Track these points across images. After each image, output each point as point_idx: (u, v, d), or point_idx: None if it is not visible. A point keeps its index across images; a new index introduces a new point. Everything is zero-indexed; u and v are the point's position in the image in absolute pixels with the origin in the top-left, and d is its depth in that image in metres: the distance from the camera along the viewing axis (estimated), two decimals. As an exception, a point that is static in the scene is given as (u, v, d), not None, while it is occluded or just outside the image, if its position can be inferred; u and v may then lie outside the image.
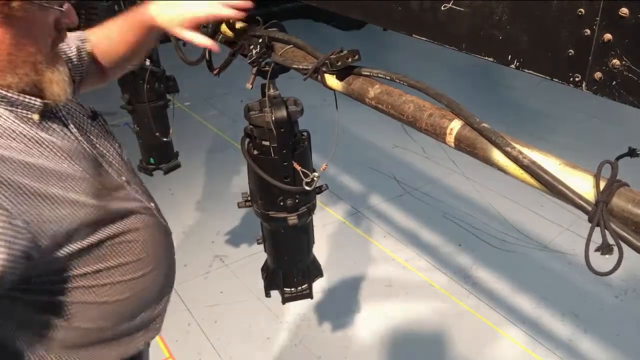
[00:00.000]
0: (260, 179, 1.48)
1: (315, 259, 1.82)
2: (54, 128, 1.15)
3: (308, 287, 1.79)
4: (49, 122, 1.14)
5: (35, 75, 1.08)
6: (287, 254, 1.71)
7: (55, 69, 1.11)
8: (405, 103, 1.13)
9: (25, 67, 1.06)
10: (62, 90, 1.12)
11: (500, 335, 3.12)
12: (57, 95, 1.11)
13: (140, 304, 1.42)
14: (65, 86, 1.13)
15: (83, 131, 1.24)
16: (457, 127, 1.04)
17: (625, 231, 0.83)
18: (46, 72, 1.09)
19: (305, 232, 1.72)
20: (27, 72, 1.06)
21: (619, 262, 0.83)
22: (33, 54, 1.06)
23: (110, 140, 1.34)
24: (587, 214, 0.86)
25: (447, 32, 1.01)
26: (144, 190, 1.42)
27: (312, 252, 1.81)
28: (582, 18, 0.82)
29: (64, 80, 1.13)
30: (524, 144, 0.98)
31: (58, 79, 1.11)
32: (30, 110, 1.09)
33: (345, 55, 1.20)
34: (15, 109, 1.08)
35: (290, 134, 1.46)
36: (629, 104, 0.80)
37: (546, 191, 0.93)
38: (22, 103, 1.08)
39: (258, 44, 1.36)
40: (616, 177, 0.86)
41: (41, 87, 1.10)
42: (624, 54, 0.78)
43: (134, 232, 1.32)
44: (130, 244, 1.31)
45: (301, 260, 1.75)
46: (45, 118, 1.13)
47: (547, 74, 0.88)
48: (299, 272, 1.74)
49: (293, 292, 1.76)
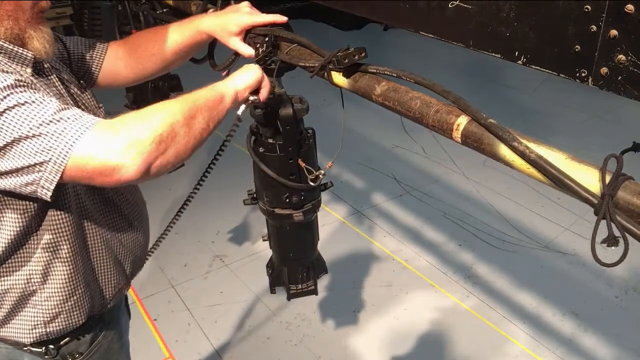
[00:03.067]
0: (266, 176, 1.49)
1: (320, 255, 1.84)
2: (43, 82, 1.24)
3: (313, 284, 1.79)
4: (38, 76, 1.24)
5: (19, 31, 1.18)
6: (293, 250, 1.72)
7: (38, 29, 1.21)
8: (412, 100, 1.14)
9: (9, 22, 1.16)
10: (42, 46, 1.22)
11: (500, 335, 3.13)
12: (38, 50, 1.21)
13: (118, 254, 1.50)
14: (46, 44, 1.23)
15: (68, 95, 1.34)
16: (464, 123, 1.06)
17: (630, 223, 0.84)
18: (28, 29, 1.20)
19: (310, 229, 1.73)
20: (11, 26, 1.17)
21: (625, 253, 0.84)
22: (12, 11, 1.16)
23: (96, 112, 1.43)
24: (593, 207, 0.88)
25: (454, 29, 1.03)
26: None
27: (317, 248, 1.82)
28: (589, 14, 0.83)
29: (46, 39, 1.23)
30: (530, 139, 1.00)
31: (39, 37, 1.21)
32: (24, 62, 1.20)
33: (352, 53, 1.22)
34: (10, 61, 1.18)
35: (296, 131, 1.47)
36: (635, 98, 0.81)
37: (553, 185, 0.95)
38: (17, 54, 1.19)
39: (265, 43, 1.38)
40: (621, 170, 0.88)
41: (24, 42, 1.20)
42: (629, 50, 0.80)
43: (124, 193, 1.44)
44: (122, 197, 1.44)
45: (306, 257, 1.76)
46: (35, 72, 1.23)
47: (554, 69, 0.90)
48: (304, 268, 1.75)
49: (298, 288, 1.76)
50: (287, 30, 1.47)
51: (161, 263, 3.68)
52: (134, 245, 1.54)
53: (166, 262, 3.69)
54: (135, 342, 3.13)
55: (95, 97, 1.48)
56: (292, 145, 1.44)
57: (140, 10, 2.12)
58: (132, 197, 1.52)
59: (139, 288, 3.46)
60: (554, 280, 3.51)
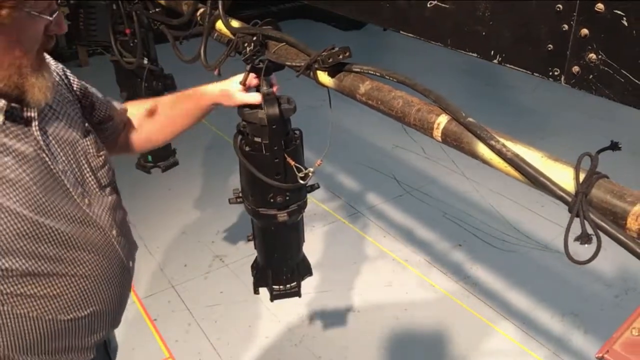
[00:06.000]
0: (251, 176, 1.50)
1: (305, 257, 1.83)
2: (16, 131, 1.13)
3: (297, 285, 1.79)
4: (14, 124, 1.13)
5: (19, 79, 1.09)
6: (277, 251, 1.71)
7: (40, 75, 1.12)
8: (395, 99, 1.15)
9: (10, 70, 1.07)
10: (42, 95, 1.12)
11: (500, 335, 3.12)
12: (38, 100, 1.12)
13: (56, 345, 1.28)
14: (47, 92, 1.14)
15: (50, 145, 1.21)
16: (444, 122, 1.06)
17: (603, 221, 0.85)
18: (30, 76, 1.10)
19: (295, 230, 1.73)
20: (11, 74, 1.08)
21: (597, 251, 0.85)
22: (19, 57, 1.07)
23: (89, 159, 1.31)
24: (567, 205, 0.89)
25: (433, 28, 1.03)
26: (110, 217, 1.34)
27: (302, 250, 1.82)
28: (560, 13, 0.84)
29: (47, 87, 1.14)
30: (508, 138, 1.00)
31: (41, 85, 1.12)
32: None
33: (337, 52, 1.22)
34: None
35: (283, 131, 1.48)
36: (606, 96, 0.82)
37: (529, 183, 0.96)
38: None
39: (252, 42, 1.39)
40: (596, 169, 0.89)
41: (23, 90, 1.11)
42: (600, 49, 0.81)
43: (77, 265, 1.23)
44: (65, 278, 1.22)
45: (291, 258, 1.75)
46: (10, 120, 1.12)
47: (528, 68, 0.90)
48: (288, 270, 1.74)
49: (282, 289, 1.76)
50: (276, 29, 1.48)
51: (161, 263, 3.69)
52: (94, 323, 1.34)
53: (166, 262, 3.70)
54: (135, 342, 3.17)
55: (96, 143, 1.35)
56: (278, 144, 1.44)
57: (133, 9, 2.13)
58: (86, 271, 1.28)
59: (139, 288, 3.47)
60: (553, 281, 3.49)
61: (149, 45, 2.43)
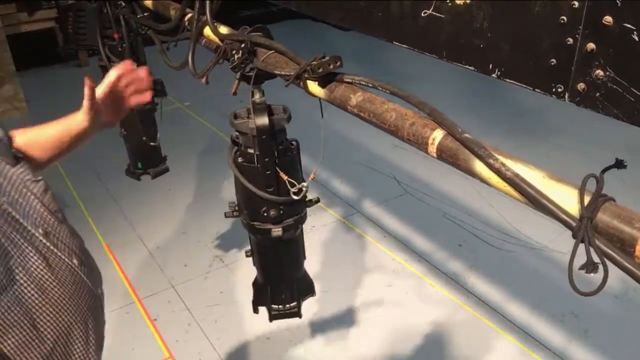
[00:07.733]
0: (245, 188, 1.43)
1: (307, 275, 1.74)
2: None
3: (297, 306, 1.71)
4: None
5: None
6: (274, 268, 1.64)
7: None
8: (387, 112, 1.09)
9: None
10: None
11: (500, 336, 3.09)
12: None
13: None
14: None
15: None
16: (440, 137, 1.01)
17: (610, 248, 0.79)
18: None
19: (293, 246, 1.65)
20: None
21: (604, 281, 0.79)
22: None
23: (30, 187, 1.21)
24: (570, 230, 0.83)
25: (428, 39, 0.97)
26: (69, 243, 1.25)
27: (304, 267, 1.74)
28: (565, 26, 0.78)
29: None
30: (507, 155, 0.94)
31: None
32: None
33: (327, 62, 1.16)
34: None
35: (274, 141, 1.41)
36: (614, 116, 0.76)
37: (530, 205, 0.90)
38: None
39: (240, 49, 1.33)
40: (601, 191, 0.82)
41: None
42: (607, 64, 0.74)
43: (34, 296, 1.13)
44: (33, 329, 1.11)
45: (289, 276, 1.68)
46: None
47: (529, 84, 0.84)
48: (287, 288, 1.67)
49: (281, 309, 1.69)
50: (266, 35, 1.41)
51: (161, 263, 3.66)
52: None
53: (166, 262, 3.67)
54: (135, 342, 3.15)
55: (29, 171, 1.24)
56: (269, 155, 1.38)
57: (120, 13, 2.07)
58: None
59: (139, 288, 3.45)
60: (553, 281, 3.46)
61: (138, 50, 2.36)
